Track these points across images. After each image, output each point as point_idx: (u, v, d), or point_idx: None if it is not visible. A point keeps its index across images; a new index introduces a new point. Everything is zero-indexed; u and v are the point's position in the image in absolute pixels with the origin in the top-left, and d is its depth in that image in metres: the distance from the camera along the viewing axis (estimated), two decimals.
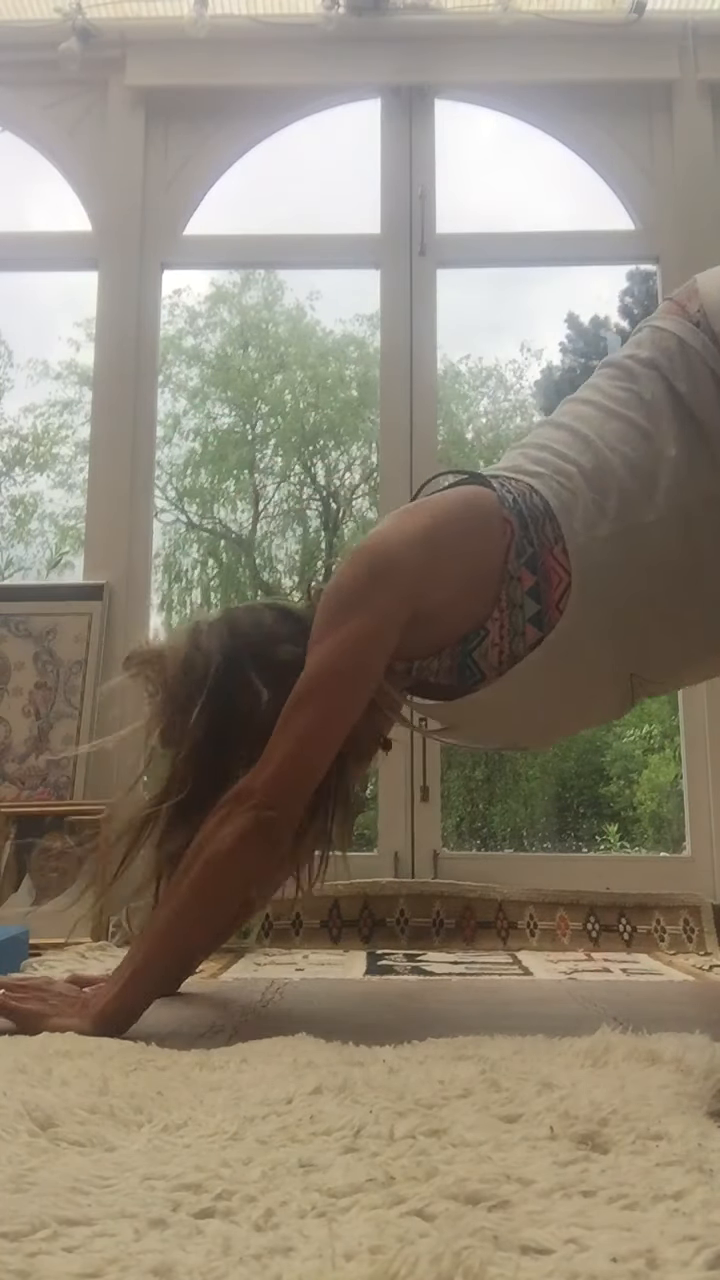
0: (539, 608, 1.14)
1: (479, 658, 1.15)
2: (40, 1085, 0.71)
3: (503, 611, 1.14)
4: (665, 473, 1.14)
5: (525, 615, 1.14)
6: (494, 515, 1.15)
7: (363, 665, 1.10)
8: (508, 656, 1.15)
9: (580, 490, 1.15)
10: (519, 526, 1.14)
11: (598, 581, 1.14)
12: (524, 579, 1.13)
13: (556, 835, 6.05)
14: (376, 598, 1.11)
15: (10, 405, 7.03)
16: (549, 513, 1.14)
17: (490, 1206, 0.48)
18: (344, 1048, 0.87)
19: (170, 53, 2.61)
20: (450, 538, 1.15)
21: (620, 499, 1.14)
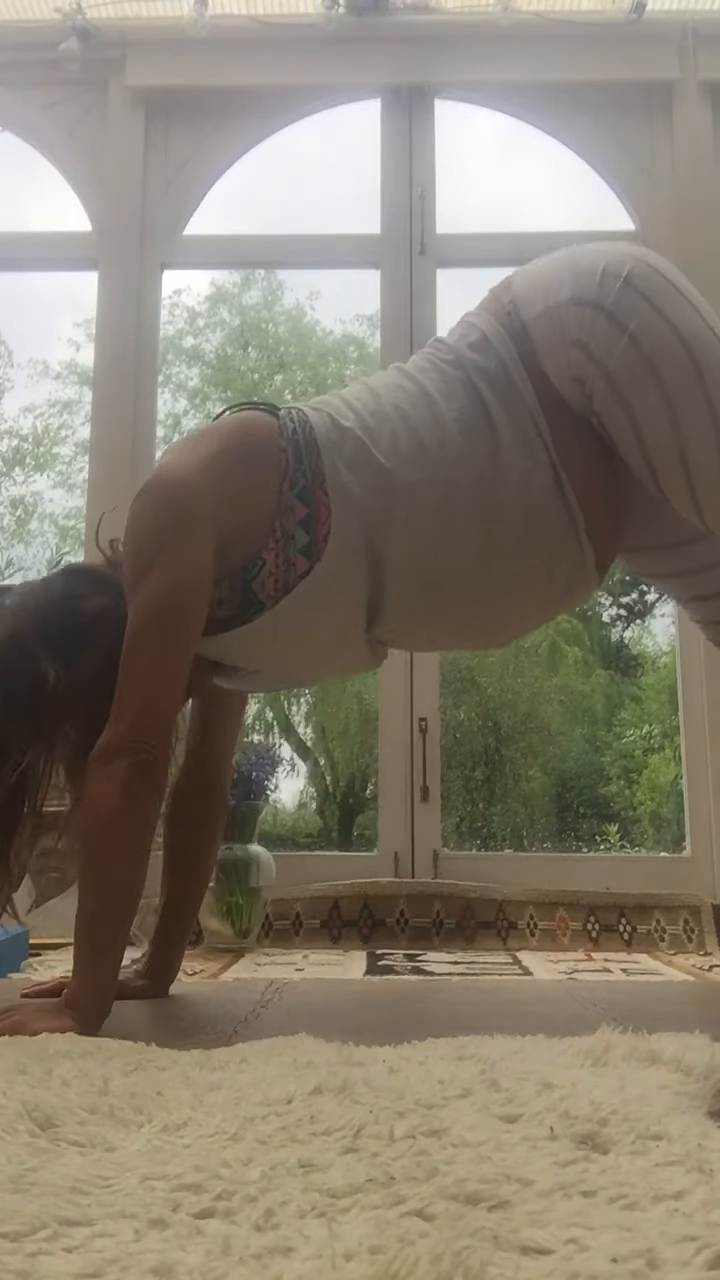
0: (309, 539, 1.15)
1: (257, 588, 1.16)
2: (40, 1085, 0.71)
3: (278, 541, 1.15)
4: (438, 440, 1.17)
5: (297, 546, 1.15)
6: (271, 444, 1.17)
7: (187, 595, 1.11)
8: (282, 586, 1.16)
9: (350, 433, 1.17)
10: (293, 457, 1.16)
11: (353, 525, 1.16)
12: (296, 510, 1.15)
13: (556, 835, 6.05)
14: (186, 527, 1.12)
15: (10, 405, 7.03)
16: (314, 446, 1.16)
17: (490, 1206, 0.48)
18: (344, 1048, 0.86)
19: (170, 53, 2.61)
20: (235, 463, 1.17)
21: (389, 452, 1.16)
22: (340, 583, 1.17)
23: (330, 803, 6.88)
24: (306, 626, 1.18)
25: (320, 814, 6.89)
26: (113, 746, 1.07)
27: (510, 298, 1.22)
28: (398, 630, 1.25)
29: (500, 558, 1.19)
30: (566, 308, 1.16)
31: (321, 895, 2.16)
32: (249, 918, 2.02)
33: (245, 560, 1.16)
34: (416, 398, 1.19)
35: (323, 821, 6.76)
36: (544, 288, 1.19)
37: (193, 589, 1.12)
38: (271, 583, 1.16)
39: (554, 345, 1.16)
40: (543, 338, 1.17)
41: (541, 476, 1.17)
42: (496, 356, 1.19)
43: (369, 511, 1.16)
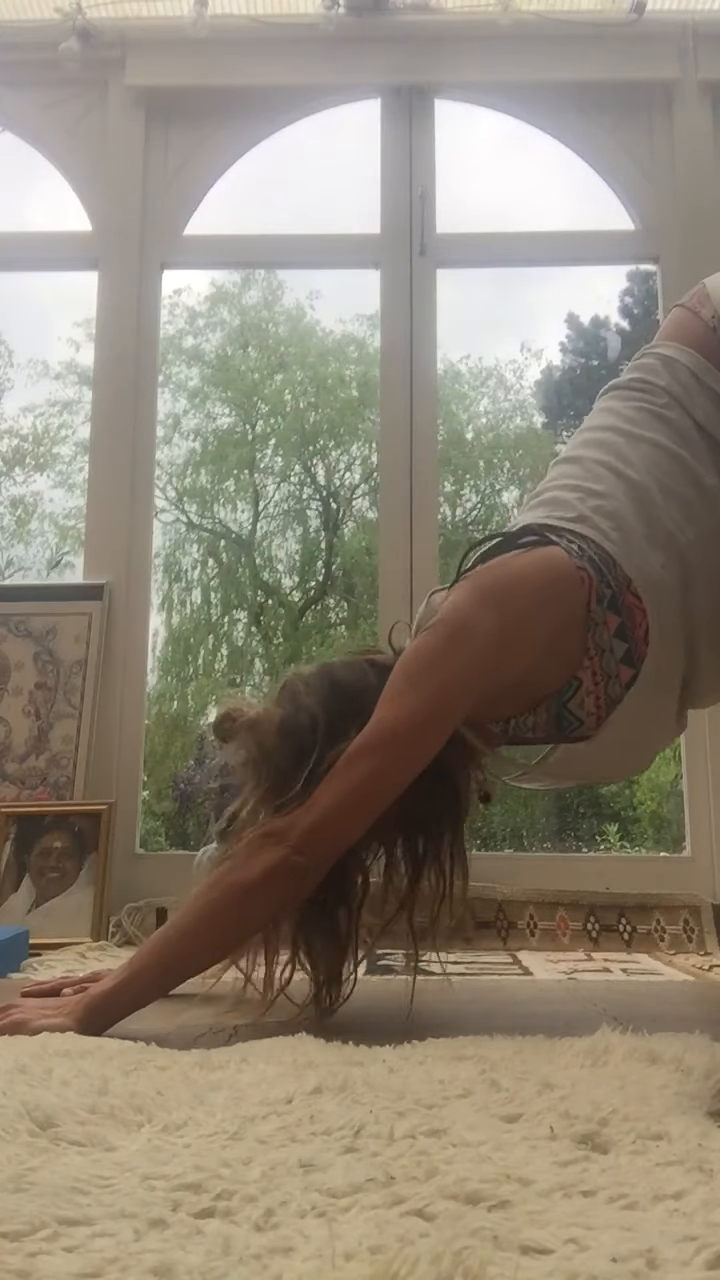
0: (628, 646, 1.15)
1: (575, 707, 1.16)
2: (40, 1085, 0.71)
3: (592, 659, 1.14)
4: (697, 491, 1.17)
5: (616, 657, 1.15)
6: (569, 568, 1.15)
7: (426, 730, 1.08)
8: (605, 701, 1.16)
9: (630, 528, 1.17)
10: (595, 573, 1.15)
11: (670, 611, 1.16)
12: (609, 622, 1.14)
13: (556, 835, 6.05)
14: (450, 665, 1.09)
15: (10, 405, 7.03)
16: (609, 558, 1.16)
17: (490, 1206, 0.48)
18: (344, 1048, 0.87)
19: (170, 53, 2.60)
20: (528, 599, 1.14)
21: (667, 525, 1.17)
22: (663, 675, 1.17)
23: None
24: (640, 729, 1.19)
25: None
26: (283, 832, 1.05)
27: (712, 313, 1.22)
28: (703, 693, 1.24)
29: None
30: None
31: None
32: None
33: (558, 684, 1.15)
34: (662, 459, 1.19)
35: None
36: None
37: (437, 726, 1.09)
38: (591, 700, 1.15)
39: None
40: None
41: None
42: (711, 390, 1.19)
43: (674, 589, 1.16)
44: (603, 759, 1.21)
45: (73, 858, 2.14)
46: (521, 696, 1.16)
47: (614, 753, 1.21)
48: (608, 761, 1.24)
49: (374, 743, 1.07)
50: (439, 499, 2.90)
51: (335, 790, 1.05)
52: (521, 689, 1.15)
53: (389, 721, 1.07)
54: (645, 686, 1.15)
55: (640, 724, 1.19)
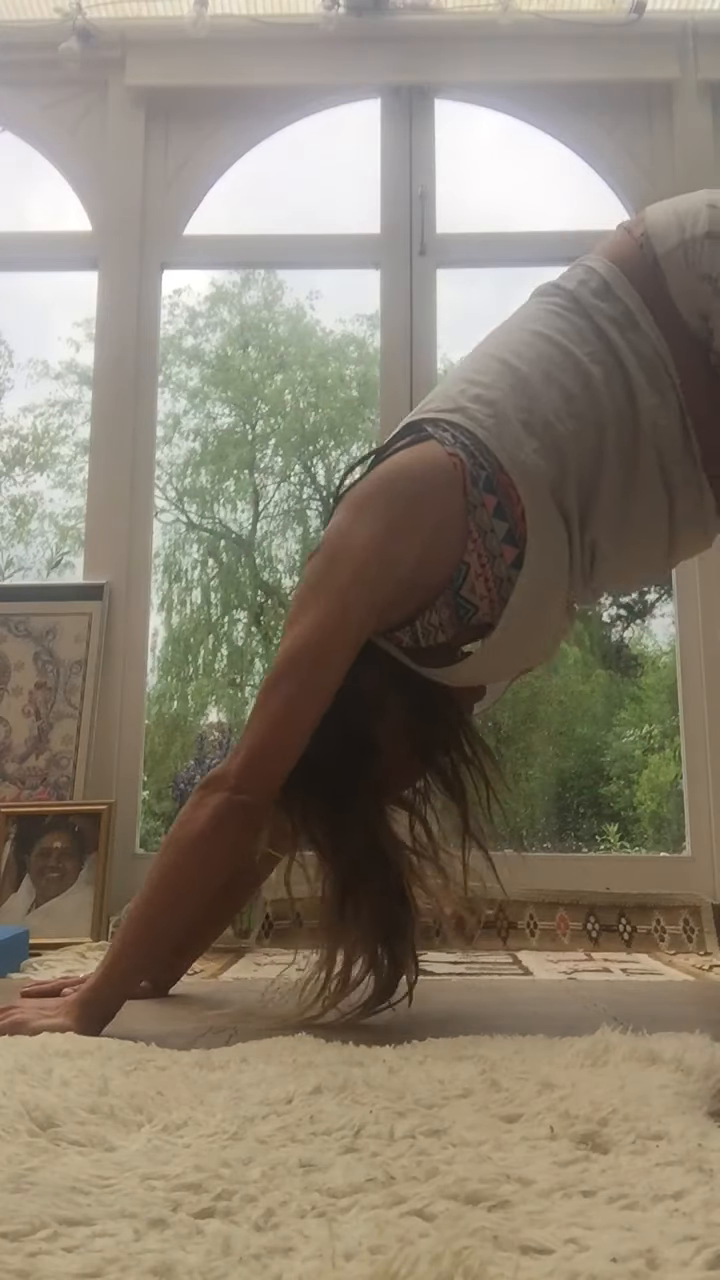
0: (508, 526, 1.15)
1: (468, 593, 1.16)
2: (40, 1085, 0.71)
3: (476, 541, 1.14)
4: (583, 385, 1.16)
5: (498, 537, 1.15)
6: (440, 458, 1.16)
7: (328, 646, 1.11)
8: (493, 581, 1.16)
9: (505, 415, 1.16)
10: (467, 456, 1.15)
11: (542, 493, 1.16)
12: (487, 503, 1.15)
13: (556, 835, 6.05)
14: (335, 579, 1.12)
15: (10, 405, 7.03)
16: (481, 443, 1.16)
17: (490, 1206, 0.48)
18: (344, 1048, 0.87)
19: (170, 53, 2.60)
20: (401, 495, 1.16)
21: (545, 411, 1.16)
22: (549, 555, 1.17)
23: None
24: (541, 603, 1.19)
25: None
26: (220, 778, 1.08)
27: (643, 230, 1.21)
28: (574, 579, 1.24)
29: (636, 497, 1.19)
30: (701, 242, 1.15)
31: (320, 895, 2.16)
32: (249, 918, 2.02)
33: (448, 574, 1.15)
34: (551, 351, 1.19)
35: None
36: (679, 220, 1.19)
37: (341, 638, 1.11)
38: (482, 583, 1.15)
39: (685, 280, 1.16)
40: (674, 272, 1.17)
41: (669, 416, 1.17)
42: (619, 300, 1.19)
43: (547, 474, 1.15)
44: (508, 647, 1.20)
45: (73, 858, 2.14)
46: (417, 596, 1.16)
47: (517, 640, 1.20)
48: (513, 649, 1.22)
49: (281, 669, 1.10)
50: None
51: (257, 724, 1.09)
52: (415, 588, 1.15)
53: (291, 646, 1.11)
54: (532, 568, 1.15)
55: (534, 606, 1.18)
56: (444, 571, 1.15)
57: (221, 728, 6.00)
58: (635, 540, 1.22)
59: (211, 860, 1.08)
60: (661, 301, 1.18)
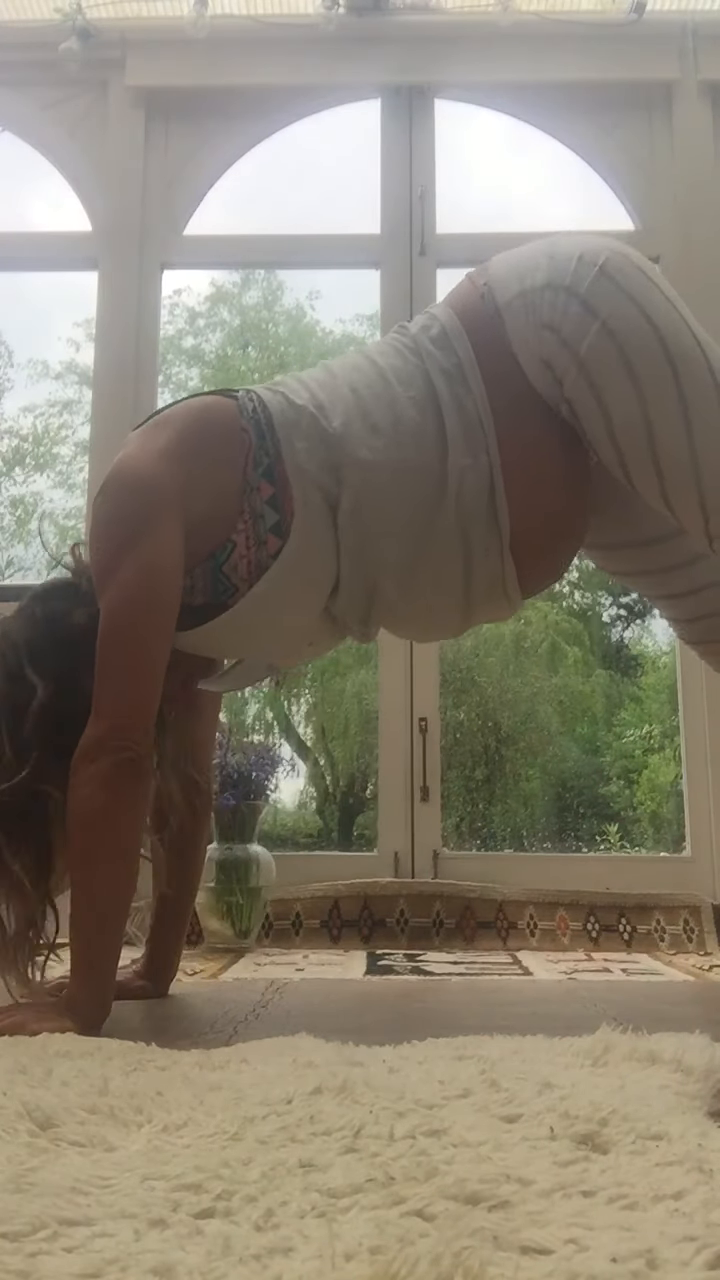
0: (279, 517, 1.15)
1: (229, 571, 1.16)
2: (40, 1085, 0.71)
3: (246, 522, 1.14)
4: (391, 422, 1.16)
5: (266, 524, 1.14)
6: (233, 425, 1.16)
7: (157, 589, 1.10)
8: (255, 566, 1.15)
9: (304, 410, 1.16)
10: (255, 436, 1.15)
11: (315, 500, 1.15)
12: (263, 489, 1.14)
13: (556, 835, 6.05)
14: (150, 517, 1.11)
15: (10, 405, 7.03)
16: (272, 426, 1.16)
17: (490, 1206, 0.48)
18: (344, 1048, 0.86)
19: (170, 53, 2.61)
20: (196, 447, 1.15)
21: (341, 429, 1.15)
22: (310, 557, 1.16)
23: (330, 803, 6.88)
24: (284, 604, 1.17)
25: (320, 814, 6.89)
26: (94, 745, 1.06)
27: (485, 280, 1.22)
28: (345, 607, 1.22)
29: (428, 552, 1.17)
30: (541, 292, 1.15)
31: (321, 895, 2.16)
32: (249, 918, 2.02)
33: (215, 545, 1.15)
34: (373, 379, 1.19)
35: (323, 821, 6.77)
36: (519, 272, 1.19)
37: (164, 579, 1.11)
38: (244, 565, 1.15)
39: (526, 329, 1.16)
40: (515, 321, 1.17)
41: (476, 477, 1.15)
42: (454, 353, 1.18)
43: (324, 487, 1.15)
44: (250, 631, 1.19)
45: None
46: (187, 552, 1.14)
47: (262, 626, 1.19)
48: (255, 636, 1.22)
49: (112, 624, 1.09)
50: None
51: (107, 681, 1.07)
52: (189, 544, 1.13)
53: (116, 598, 1.09)
54: (291, 560, 1.14)
55: (288, 600, 1.17)
56: (211, 541, 1.14)
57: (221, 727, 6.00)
58: (424, 594, 1.20)
59: (122, 824, 1.07)
60: (498, 350, 1.17)
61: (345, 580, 1.18)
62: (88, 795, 1.05)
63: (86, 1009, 1.03)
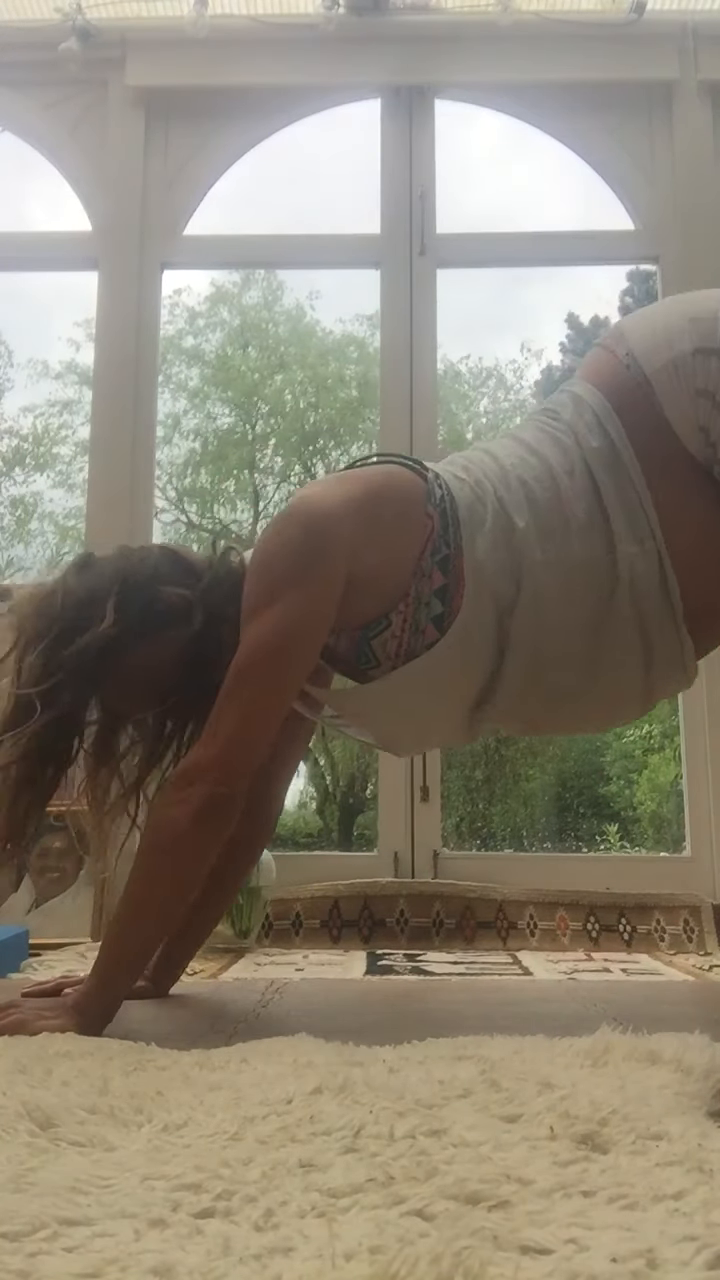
0: (443, 610, 1.13)
1: (377, 646, 1.15)
2: (40, 1085, 0.71)
3: (409, 605, 1.13)
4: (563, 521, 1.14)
5: (429, 614, 1.13)
6: (419, 505, 1.14)
7: (305, 637, 1.09)
8: (405, 651, 1.14)
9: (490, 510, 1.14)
10: (440, 525, 1.13)
11: (485, 604, 1.13)
12: (434, 578, 1.13)
13: (556, 835, 6.05)
14: (315, 565, 1.09)
15: (10, 405, 7.03)
16: (457, 520, 1.14)
17: (490, 1206, 0.48)
18: (344, 1048, 0.86)
19: (170, 53, 2.61)
20: (381, 512, 1.14)
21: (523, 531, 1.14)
22: (463, 659, 1.14)
23: (330, 803, 6.88)
24: (422, 695, 1.16)
25: (320, 814, 6.89)
26: (197, 770, 1.06)
27: (626, 349, 1.20)
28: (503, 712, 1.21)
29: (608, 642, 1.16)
30: (691, 358, 1.14)
31: (321, 895, 2.16)
32: (249, 918, 2.02)
33: (371, 617, 1.13)
34: (541, 474, 1.16)
35: (323, 821, 6.77)
36: (664, 338, 1.17)
37: (311, 631, 1.09)
38: (394, 645, 1.14)
39: (679, 396, 1.14)
40: (666, 389, 1.15)
41: (645, 563, 1.14)
42: (607, 434, 1.17)
43: (500, 593, 1.13)
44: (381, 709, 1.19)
45: (73, 858, 2.13)
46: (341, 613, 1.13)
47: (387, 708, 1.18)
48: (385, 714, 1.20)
49: (253, 660, 1.08)
50: None
51: (230, 713, 1.07)
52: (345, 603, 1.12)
53: (261, 635, 1.08)
54: (443, 657, 1.13)
55: (422, 693, 1.16)
56: (369, 611, 1.13)
57: None
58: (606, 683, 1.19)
59: (195, 857, 1.07)
60: (649, 420, 1.16)
61: (509, 678, 1.16)
62: (173, 818, 1.05)
63: (95, 1011, 1.03)
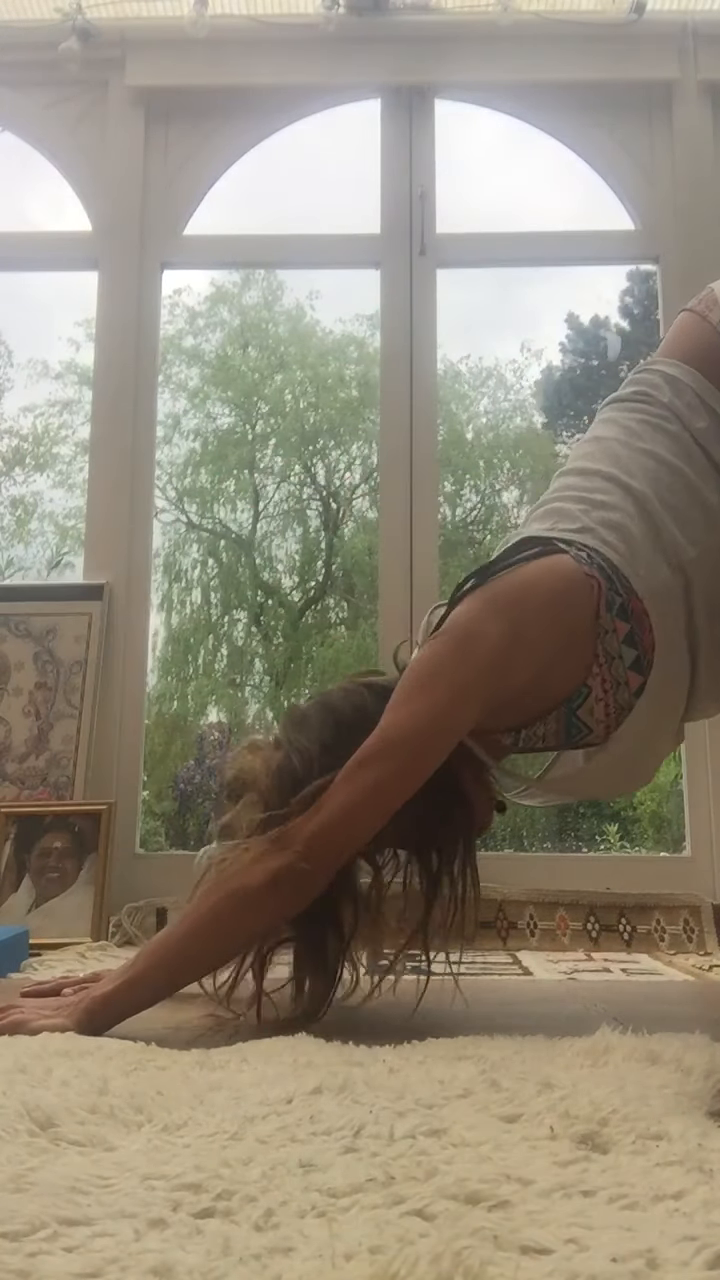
0: (637, 653, 1.15)
1: (585, 715, 1.16)
2: (40, 1085, 0.71)
3: (601, 666, 1.14)
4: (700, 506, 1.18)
5: (625, 664, 1.14)
6: (578, 576, 1.15)
7: (434, 737, 1.08)
8: (614, 708, 1.15)
9: (634, 539, 1.17)
10: (605, 580, 1.15)
11: (672, 620, 1.16)
12: (618, 629, 1.14)
13: (556, 835, 6.04)
14: (458, 672, 1.09)
15: (10, 405, 7.02)
16: (615, 568, 1.16)
17: (490, 1206, 0.48)
18: (344, 1048, 0.86)
19: (170, 53, 2.60)
20: (538, 605, 1.14)
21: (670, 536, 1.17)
22: (669, 685, 1.17)
23: None
24: (646, 739, 1.18)
25: None
26: (289, 837, 1.05)
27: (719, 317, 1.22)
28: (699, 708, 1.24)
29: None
30: None
31: None
32: None
33: (568, 692, 1.14)
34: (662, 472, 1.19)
35: None
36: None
37: (438, 735, 1.08)
38: (601, 708, 1.15)
39: None
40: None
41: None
42: (713, 412, 1.19)
43: (678, 601, 1.16)
44: (609, 770, 1.21)
45: (73, 858, 2.14)
46: (530, 705, 1.16)
47: (621, 764, 1.20)
48: (614, 773, 1.23)
49: (381, 748, 1.06)
50: (439, 499, 2.90)
51: (341, 795, 1.05)
52: (530, 697, 1.14)
53: (396, 727, 1.07)
54: (653, 695, 1.15)
55: (646, 734, 1.19)
56: (563, 691, 1.15)
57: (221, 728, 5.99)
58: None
59: (260, 918, 1.06)
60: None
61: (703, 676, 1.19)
62: (250, 874, 1.03)
63: (105, 1016, 1.02)
